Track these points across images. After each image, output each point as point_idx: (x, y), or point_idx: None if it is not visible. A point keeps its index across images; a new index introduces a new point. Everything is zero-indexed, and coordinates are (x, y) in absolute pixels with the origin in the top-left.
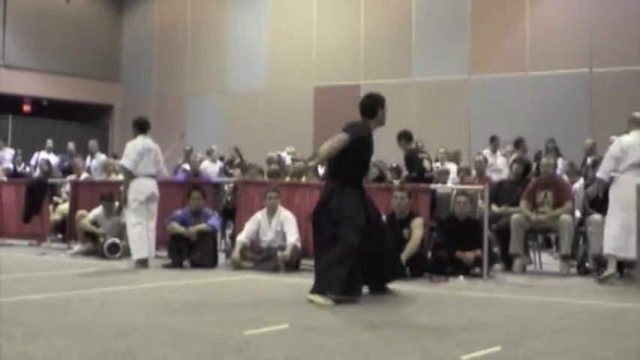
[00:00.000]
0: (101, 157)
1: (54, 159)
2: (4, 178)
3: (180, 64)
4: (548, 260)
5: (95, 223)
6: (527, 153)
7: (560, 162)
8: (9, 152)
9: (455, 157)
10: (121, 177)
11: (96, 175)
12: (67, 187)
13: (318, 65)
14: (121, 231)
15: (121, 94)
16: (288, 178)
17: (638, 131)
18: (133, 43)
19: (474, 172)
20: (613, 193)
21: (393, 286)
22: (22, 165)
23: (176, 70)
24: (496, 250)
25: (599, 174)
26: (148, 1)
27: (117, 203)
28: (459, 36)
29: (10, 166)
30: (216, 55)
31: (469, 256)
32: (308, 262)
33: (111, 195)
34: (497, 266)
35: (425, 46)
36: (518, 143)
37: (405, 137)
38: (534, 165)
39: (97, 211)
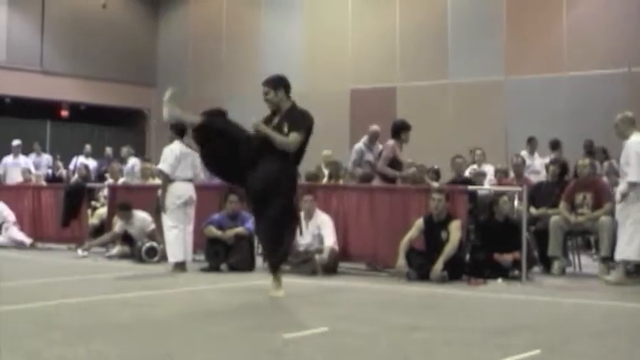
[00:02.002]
0: (132, 161)
1: (92, 163)
2: (44, 183)
3: (215, 67)
4: (588, 262)
5: (125, 232)
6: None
7: (606, 164)
8: (46, 158)
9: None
10: (158, 181)
11: (127, 179)
12: (105, 192)
13: (353, 67)
14: (150, 234)
15: (156, 98)
16: (325, 180)
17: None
18: (168, 47)
19: (511, 174)
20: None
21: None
22: (60, 169)
23: (212, 73)
24: (535, 252)
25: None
26: (183, 6)
27: (138, 211)
28: (495, 36)
29: (49, 171)
30: (251, 58)
31: (507, 258)
32: (346, 265)
33: (127, 204)
34: (536, 268)
35: (461, 47)
36: (555, 145)
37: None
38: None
39: (120, 222)
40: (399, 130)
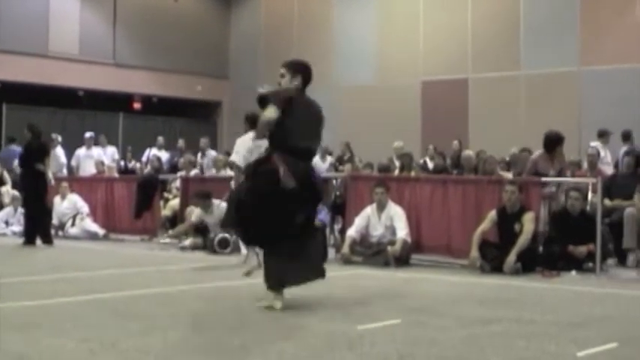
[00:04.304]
0: (211, 153)
1: (164, 155)
2: (116, 175)
3: (287, 59)
4: None
5: (202, 222)
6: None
7: None
8: (110, 150)
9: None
10: (230, 172)
11: (207, 172)
12: (177, 183)
13: (425, 59)
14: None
15: (229, 90)
16: (396, 172)
17: None
18: (240, 39)
19: (584, 165)
20: None
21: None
22: (133, 162)
23: None
24: (609, 244)
25: None
26: None
27: (217, 201)
28: (568, 26)
29: (121, 163)
30: (323, 50)
31: (582, 250)
32: (418, 257)
33: (207, 193)
34: (611, 261)
35: (534, 38)
36: (627, 136)
37: None
38: None
39: (198, 210)
40: (553, 143)
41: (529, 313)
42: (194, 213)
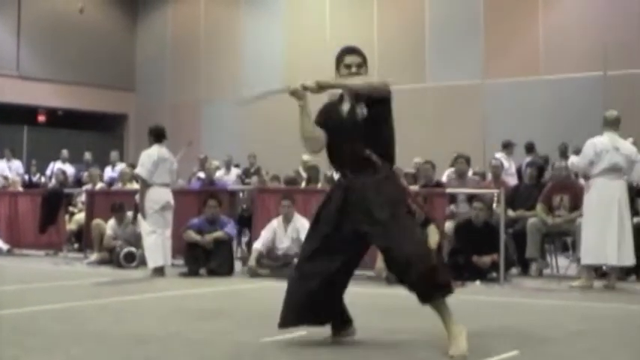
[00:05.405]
0: (121, 166)
1: (69, 169)
2: (20, 189)
3: (194, 71)
4: (565, 264)
5: (115, 236)
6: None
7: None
8: (16, 164)
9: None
10: (136, 186)
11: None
12: (83, 197)
13: (332, 71)
14: (136, 240)
15: (135, 102)
16: (304, 184)
17: (612, 133)
18: (146, 51)
19: (489, 176)
20: (587, 199)
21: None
22: (38, 175)
23: (190, 77)
24: (513, 254)
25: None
26: (161, 10)
27: (130, 213)
28: (472, 40)
29: (25, 177)
30: (230, 62)
31: (486, 260)
32: None
33: (121, 205)
34: (514, 270)
35: (439, 51)
36: (530, 147)
37: None
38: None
39: (112, 222)
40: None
41: (433, 323)
42: (108, 225)
